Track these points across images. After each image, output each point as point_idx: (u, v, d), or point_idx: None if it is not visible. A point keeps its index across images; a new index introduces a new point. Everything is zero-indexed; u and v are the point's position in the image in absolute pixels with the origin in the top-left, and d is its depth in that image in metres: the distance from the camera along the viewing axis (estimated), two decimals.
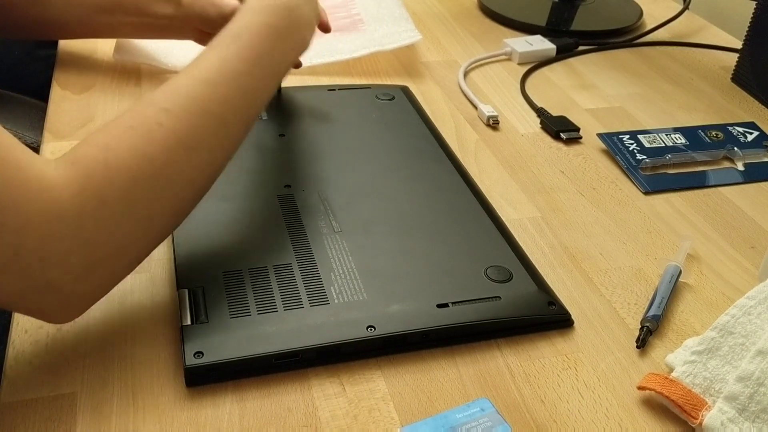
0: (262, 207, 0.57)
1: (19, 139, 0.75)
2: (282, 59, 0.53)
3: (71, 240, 0.40)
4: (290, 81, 0.79)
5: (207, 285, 0.49)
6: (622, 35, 0.95)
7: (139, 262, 0.45)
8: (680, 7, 1.00)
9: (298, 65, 0.70)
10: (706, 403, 0.44)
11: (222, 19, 0.66)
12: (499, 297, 0.51)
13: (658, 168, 0.69)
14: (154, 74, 0.76)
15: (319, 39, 0.86)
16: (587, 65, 0.88)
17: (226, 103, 0.47)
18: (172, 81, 0.47)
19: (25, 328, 0.48)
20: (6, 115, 0.78)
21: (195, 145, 0.45)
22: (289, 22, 0.54)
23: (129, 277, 0.52)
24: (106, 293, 0.44)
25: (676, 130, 0.74)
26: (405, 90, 0.76)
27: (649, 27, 0.96)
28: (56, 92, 0.73)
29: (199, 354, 0.45)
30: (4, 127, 0.40)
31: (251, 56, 0.50)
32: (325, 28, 0.70)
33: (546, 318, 0.51)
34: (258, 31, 0.51)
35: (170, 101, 0.45)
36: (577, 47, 0.90)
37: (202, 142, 0.46)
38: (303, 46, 0.57)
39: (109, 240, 0.41)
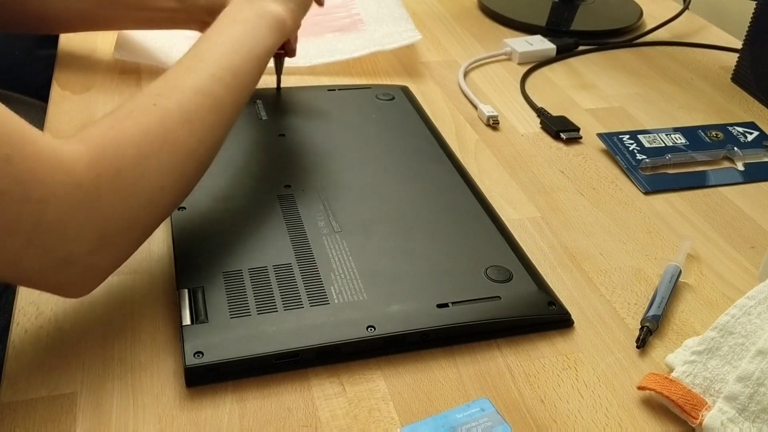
0: (262, 207, 0.57)
1: None
2: (258, 39, 0.56)
3: (89, 210, 0.42)
4: (290, 81, 0.79)
5: (207, 285, 0.49)
6: (622, 35, 0.95)
7: (147, 236, 0.47)
8: (680, 7, 1.00)
9: (292, 53, 0.71)
10: (706, 403, 0.44)
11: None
12: (499, 297, 0.51)
13: (658, 168, 0.69)
14: (155, 74, 0.76)
15: (319, 39, 0.86)
16: (587, 65, 0.88)
17: (213, 79, 0.51)
18: (163, 74, 0.51)
19: (25, 328, 0.48)
20: None
21: (191, 119, 0.48)
22: (253, 11, 0.57)
23: (129, 277, 0.52)
24: (118, 267, 0.45)
25: (676, 130, 0.74)
26: (405, 90, 0.76)
27: (649, 27, 0.96)
28: (56, 92, 0.73)
29: (199, 354, 0.45)
30: None
31: (226, 42, 0.54)
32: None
33: (546, 318, 0.51)
34: (227, 26, 0.56)
35: (161, 87, 0.49)
36: (577, 47, 0.90)
37: (197, 116, 0.49)
38: (279, 26, 0.59)
39: (124, 211, 0.44)
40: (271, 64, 0.69)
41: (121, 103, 0.47)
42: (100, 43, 0.81)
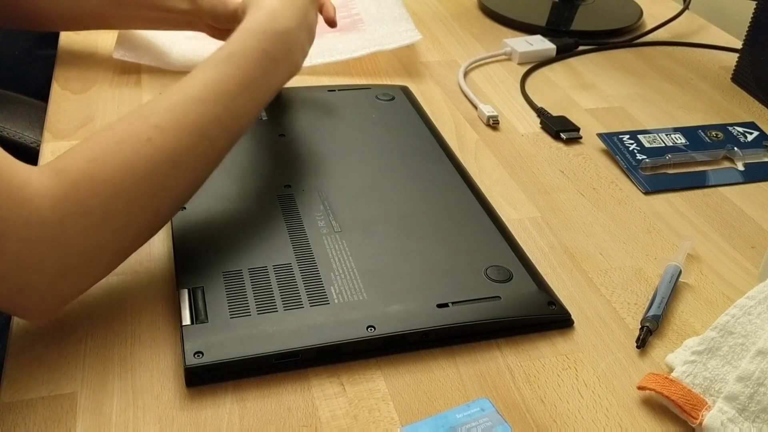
0: (262, 207, 0.57)
1: (19, 139, 0.75)
2: (273, 83, 0.54)
3: (49, 247, 0.41)
4: (290, 81, 0.79)
5: (207, 285, 0.49)
6: (622, 35, 0.95)
7: (113, 268, 0.46)
8: (680, 7, 1.00)
9: None
10: (706, 403, 0.44)
11: (229, 15, 0.67)
12: (499, 297, 0.51)
13: (658, 168, 0.69)
14: (154, 74, 0.77)
15: (319, 39, 0.86)
16: (587, 65, 0.88)
17: (215, 123, 0.48)
18: (164, 96, 0.48)
19: (25, 328, 0.48)
20: (6, 115, 0.78)
21: (181, 162, 0.46)
22: (282, 48, 0.54)
23: (129, 277, 0.52)
24: (79, 295, 0.45)
25: (676, 130, 0.74)
26: (405, 90, 0.76)
27: (649, 27, 0.96)
28: (56, 92, 0.73)
29: (199, 354, 0.45)
30: (4, 127, 0.40)
31: (244, 79, 0.51)
32: (331, 23, 0.70)
33: (546, 318, 0.51)
34: (252, 56, 0.52)
35: (162, 117, 0.46)
36: (577, 47, 0.90)
37: (189, 159, 0.47)
38: (294, 70, 0.57)
39: (86, 248, 0.43)
40: None
41: (115, 122, 0.45)
42: (101, 43, 0.81)
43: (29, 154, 0.74)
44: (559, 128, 0.73)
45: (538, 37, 0.89)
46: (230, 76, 0.50)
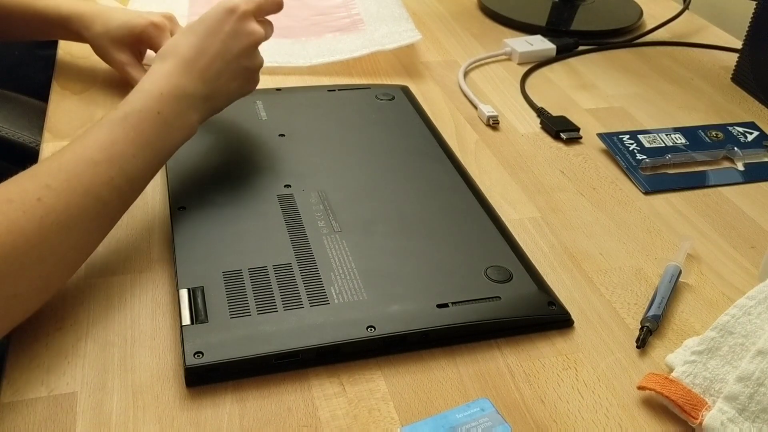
0: (262, 207, 0.57)
1: (18, 138, 0.75)
2: (167, 145, 0.53)
3: None
4: (290, 81, 0.79)
5: (207, 285, 0.49)
6: (622, 35, 0.95)
7: (2, 335, 0.44)
8: (680, 7, 1.00)
9: None
10: (706, 403, 0.44)
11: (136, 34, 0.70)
12: (499, 297, 0.51)
13: (658, 168, 0.69)
14: None
15: (319, 39, 0.86)
16: (587, 65, 0.88)
17: (108, 185, 0.48)
18: (56, 156, 0.47)
19: (26, 328, 0.48)
20: (6, 115, 0.78)
21: (72, 225, 0.45)
22: (177, 110, 0.53)
23: (129, 276, 0.52)
24: None
25: (676, 130, 0.74)
26: (405, 90, 0.76)
27: (649, 27, 0.96)
28: (56, 92, 0.73)
29: (199, 354, 0.45)
30: (4, 127, 0.40)
31: (138, 141, 0.50)
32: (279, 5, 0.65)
33: (546, 318, 0.51)
34: (147, 117, 0.51)
35: (53, 177, 0.45)
36: (577, 47, 0.90)
37: (80, 222, 0.46)
38: (189, 132, 0.55)
39: None
40: None
41: (6, 182, 0.44)
42: None
43: (29, 154, 0.74)
44: (559, 128, 0.73)
45: (538, 37, 0.89)
46: (124, 137, 0.49)
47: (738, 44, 0.87)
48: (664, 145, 0.72)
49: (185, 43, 0.55)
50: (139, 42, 0.71)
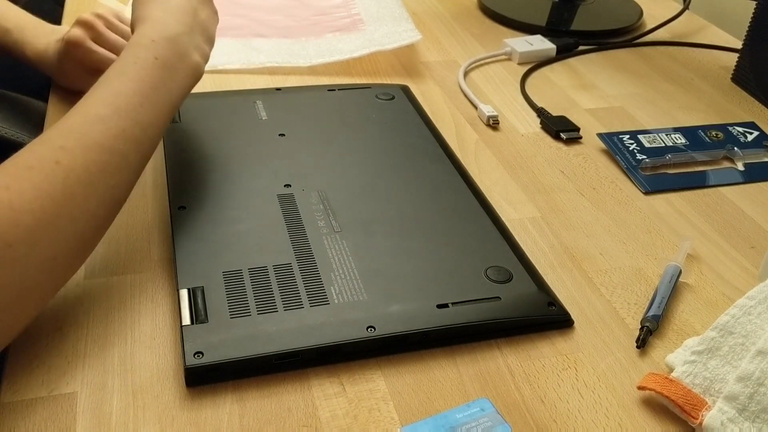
0: (262, 207, 0.57)
1: (18, 139, 0.75)
2: (174, 90, 0.53)
3: None
4: (290, 81, 0.79)
5: (207, 285, 0.49)
6: (622, 35, 0.95)
7: (45, 303, 0.44)
8: (680, 7, 1.00)
9: None
10: (706, 403, 0.44)
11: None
12: (499, 297, 0.51)
13: (658, 168, 0.69)
14: None
15: (319, 39, 0.86)
16: (587, 65, 0.88)
17: (122, 137, 0.47)
18: (65, 118, 0.47)
19: (26, 328, 0.48)
20: (6, 115, 0.78)
21: (95, 181, 0.45)
22: (174, 52, 0.53)
23: (129, 277, 0.52)
24: (12, 338, 0.43)
25: (676, 130, 0.74)
26: (405, 90, 0.76)
27: (649, 27, 0.96)
28: (56, 92, 0.73)
29: (199, 354, 0.45)
30: (4, 127, 0.40)
31: (142, 89, 0.50)
32: None
33: (546, 318, 0.51)
34: (145, 65, 0.51)
35: (65, 139, 0.45)
36: (577, 47, 0.90)
37: (102, 177, 0.46)
38: (196, 72, 0.55)
39: (14, 283, 0.41)
40: None
41: (21, 151, 0.44)
42: None
43: None
44: (559, 128, 0.73)
45: (538, 37, 0.89)
46: (127, 89, 0.49)
47: (738, 44, 0.87)
48: (664, 145, 0.72)
49: (150, 3, 0.55)
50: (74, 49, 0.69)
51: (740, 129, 0.75)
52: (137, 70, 0.50)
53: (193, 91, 0.74)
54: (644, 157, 0.70)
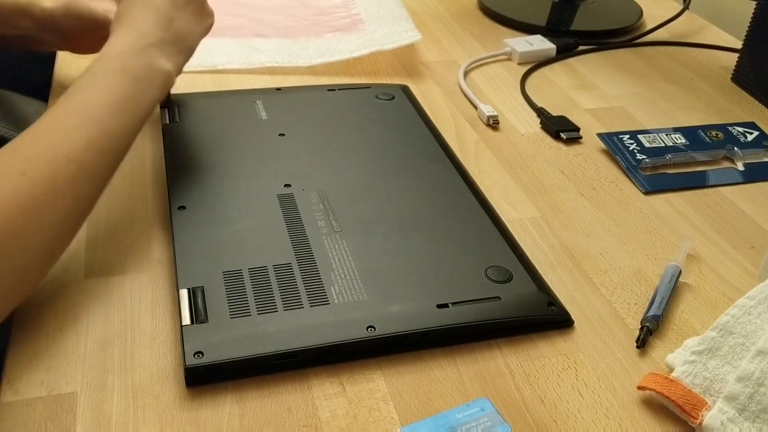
0: (262, 207, 0.57)
1: None
2: (144, 100, 0.53)
3: None
4: (290, 81, 0.79)
5: (207, 285, 0.49)
6: (622, 35, 0.95)
7: (11, 309, 0.44)
8: (680, 7, 1.00)
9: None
10: (706, 403, 0.44)
11: (81, 31, 0.66)
12: (499, 297, 0.51)
13: (658, 168, 0.69)
14: None
15: (319, 39, 0.86)
16: (587, 65, 0.88)
17: (90, 148, 0.47)
18: (33, 128, 0.47)
19: (25, 328, 0.48)
20: (6, 115, 0.78)
21: (61, 193, 0.45)
22: (143, 62, 0.53)
23: (129, 277, 0.52)
24: None
25: (676, 130, 0.74)
26: (405, 90, 0.76)
27: (649, 27, 0.96)
28: (56, 92, 0.73)
29: (199, 354, 0.45)
30: (4, 127, 0.40)
31: (111, 99, 0.50)
32: None
33: (546, 318, 0.51)
34: (113, 76, 0.51)
35: (32, 150, 0.45)
36: (577, 47, 0.90)
37: (69, 189, 0.46)
38: (166, 80, 0.56)
39: None
40: None
41: None
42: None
43: None
44: (559, 128, 0.73)
45: (538, 37, 0.89)
46: (97, 99, 0.49)
47: (738, 44, 0.87)
48: (664, 145, 0.72)
49: (131, 8, 0.56)
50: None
51: (740, 129, 0.75)
52: (106, 80, 0.51)
53: (193, 91, 0.75)
54: (644, 157, 0.70)
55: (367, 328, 0.47)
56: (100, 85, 0.50)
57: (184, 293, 0.49)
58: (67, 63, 0.78)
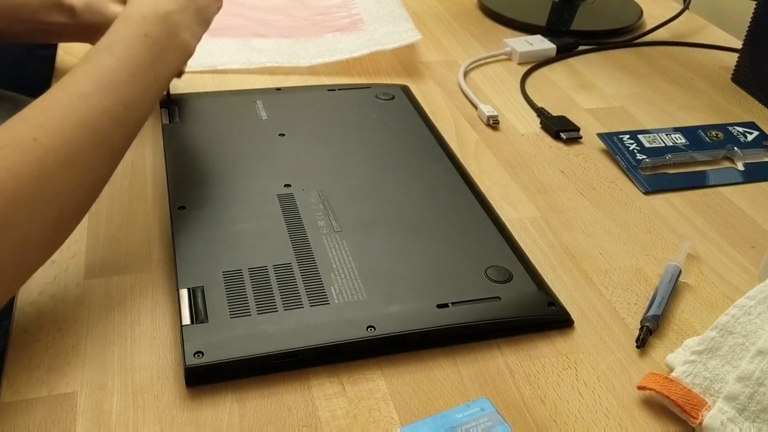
0: (262, 207, 0.57)
1: None
2: (162, 69, 0.52)
3: None
4: (290, 81, 0.79)
5: (207, 285, 0.49)
6: (622, 35, 0.95)
7: (16, 288, 0.43)
8: (680, 7, 1.00)
9: (180, 74, 0.68)
10: (706, 402, 0.44)
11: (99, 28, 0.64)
12: (499, 297, 0.51)
13: (658, 168, 0.69)
14: None
15: (319, 39, 0.86)
16: (587, 65, 0.88)
17: (105, 116, 0.46)
18: (46, 95, 0.45)
19: (26, 328, 0.48)
20: (6, 115, 0.77)
21: (73, 161, 0.43)
22: (165, 31, 0.52)
23: (129, 276, 0.52)
24: None
25: (676, 130, 0.74)
26: (405, 89, 0.76)
27: (649, 27, 0.96)
28: None
29: (199, 354, 0.45)
30: None
31: (129, 67, 0.48)
32: None
33: (546, 318, 0.51)
34: (134, 43, 0.50)
35: (45, 116, 0.43)
36: (577, 47, 0.90)
37: (81, 156, 0.44)
38: (185, 53, 0.54)
39: None
40: None
41: None
42: None
43: None
44: (559, 128, 0.73)
45: (538, 37, 0.89)
46: (114, 66, 0.47)
47: (738, 44, 0.87)
48: (664, 145, 0.72)
49: None
50: None
51: (740, 129, 0.75)
52: (126, 47, 0.49)
53: (193, 91, 0.75)
54: (644, 157, 0.70)
55: (367, 328, 0.47)
56: (119, 52, 0.48)
57: (184, 293, 0.49)
58: (67, 63, 0.78)
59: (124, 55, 0.49)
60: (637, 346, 0.50)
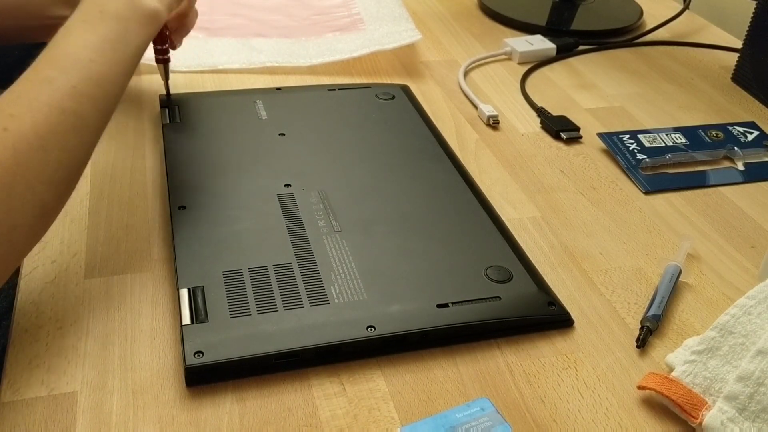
0: (262, 207, 0.57)
1: None
2: (129, 40, 0.51)
3: None
4: (290, 81, 0.79)
5: (207, 285, 0.49)
6: (622, 35, 0.95)
7: (7, 275, 0.43)
8: (680, 7, 1.00)
9: (173, 47, 0.66)
10: (706, 402, 0.44)
11: None
12: (499, 297, 0.51)
13: (658, 168, 0.69)
14: (154, 73, 0.76)
15: (319, 39, 0.86)
16: (587, 65, 0.88)
17: (73, 95, 0.45)
18: (11, 87, 0.45)
19: (26, 328, 0.48)
20: None
21: (47, 145, 0.43)
22: (124, 2, 0.51)
23: (129, 276, 0.52)
24: None
25: (676, 129, 0.74)
26: (405, 89, 0.76)
27: (649, 27, 0.96)
28: None
29: (199, 354, 0.45)
30: None
31: (91, 43, 0.48)
32: None
33: (546, 318, 0.51)
34: (90, 21, 0.49)
35: (12, 104, 0.43)
36: (578, 47, 0.90)
37: (55, 139, 0.44)
38: (155, 18, 0.53)
39: None
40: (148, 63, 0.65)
41: None
42: None
43: None
44: (559, 128, 0.73)
45: (539, 36, 0.89)
46: (74, 46, 0.47)
47: (738, 44, 0.87)
48: (664, 144, 0.72)
49: None
50: None
51: (740, 129, 0.75)
52: (84, 27, 0.49)
53: (193, 90, 0.75)
54: (644, 156, 0.70)
55: (367, 328, 0.47)
56: (78, 32, 0.48)
57: (184, 293, 0.49)
58: None
59: (83, 34, 0.48)
60: (637, 346, 0.50)
